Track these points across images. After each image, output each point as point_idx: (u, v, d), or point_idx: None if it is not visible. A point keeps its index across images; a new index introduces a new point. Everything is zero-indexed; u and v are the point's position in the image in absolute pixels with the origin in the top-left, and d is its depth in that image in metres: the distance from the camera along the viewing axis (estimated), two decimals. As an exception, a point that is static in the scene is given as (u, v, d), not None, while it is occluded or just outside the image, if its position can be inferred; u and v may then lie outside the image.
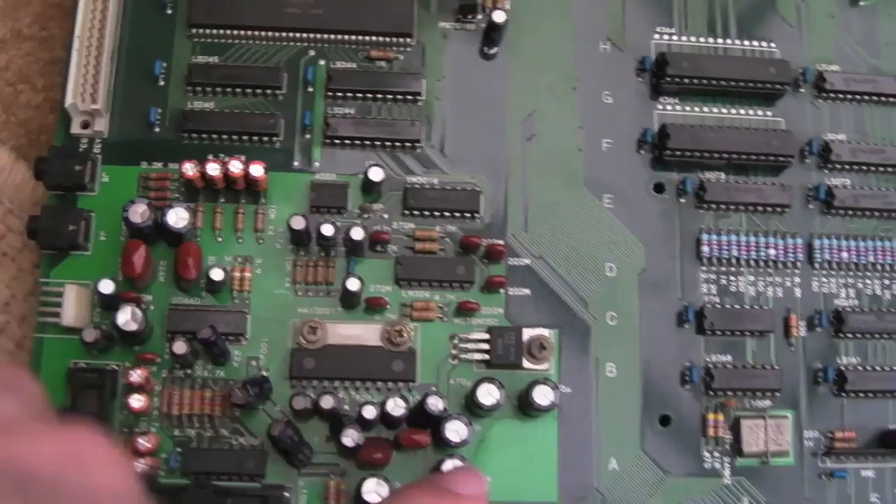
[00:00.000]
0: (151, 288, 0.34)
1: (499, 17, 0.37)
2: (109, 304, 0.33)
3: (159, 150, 0.35)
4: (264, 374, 0.34)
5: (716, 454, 0.35)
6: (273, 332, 0.34)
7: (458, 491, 0.28)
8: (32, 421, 0.23)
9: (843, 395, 0.36)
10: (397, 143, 0.36)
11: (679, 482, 0.35)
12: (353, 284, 0.34)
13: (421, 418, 0.33)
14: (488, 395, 0.33)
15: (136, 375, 0.33)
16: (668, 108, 0.37)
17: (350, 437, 0.33)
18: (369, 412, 0.33)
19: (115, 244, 0.34)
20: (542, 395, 0.33)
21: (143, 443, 0.33)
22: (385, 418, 0.33)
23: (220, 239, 0.35)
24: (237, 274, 0.34)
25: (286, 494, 0.33)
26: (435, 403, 0.33)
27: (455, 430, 0.33)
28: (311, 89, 0.36)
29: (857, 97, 0.38)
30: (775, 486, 0.36)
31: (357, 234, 0.34)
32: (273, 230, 0.35)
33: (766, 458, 0.35)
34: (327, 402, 0.33)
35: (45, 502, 0.21)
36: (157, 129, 0.36)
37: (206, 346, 0.33)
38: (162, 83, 0.36)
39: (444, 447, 0.33)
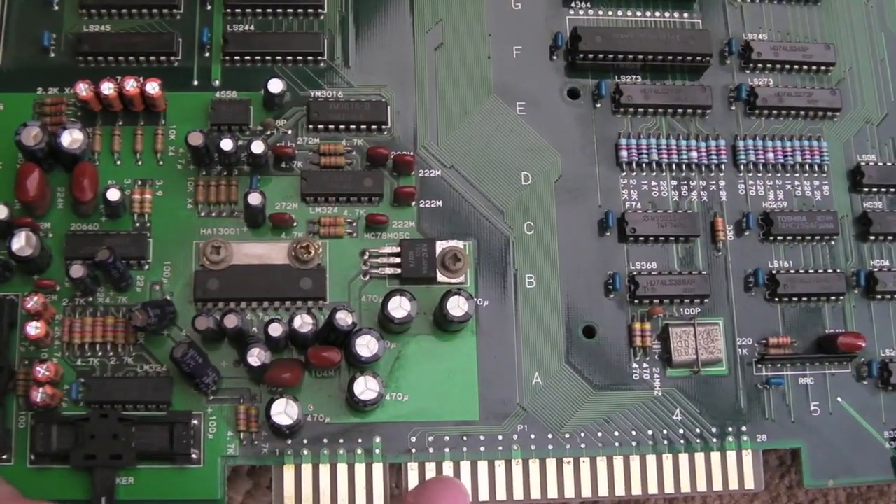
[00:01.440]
0: (49, 215, 0.33)
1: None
2: (4, 231, 0.32)
3: (55, 75, 0.34)
4: (167, 297, 0.33)
5: (644, 365, 0.34)
6: (176, 255, 0.33)
7: None
8: None
9: (776, 300, 0.35)
10: (299, 58, 0.34)
11: (607, 395, 0.34)
12: (254, 199, 0.32)
13: (330, 335, 0.32)
14: (399, 307, 0.32)
15: (34, 302, 0.32)
16: (581, 12, 0.36)
17: (256, 357, 0.31)
18: (275, 330, 0.31)
19: (11, 173, 0.33)
20: (457, 306, 0.32)
21: (43, 371, 0.31)
22: (293, 338, 0.32)
23: (118, 162, 0.34)
24: (137, 196, 0.33)
25: (194, 422, 0.32)
26: (344, 318, 0.31)
27: (365, 345, 0.32)
28: (209, 7, 0.35)
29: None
30: (709, 397, 0.34)
31: (258, 147, 0.33)
32: (174, 151, 0.34)
33: (697, 367, 0.34)
34: (231, 322, 0.31)
35: None
36: (52, 55, 0.34)
37: (106, 270, 0.32)
38: (56, 7, 0.35)
39: (356, 364, 0.32)
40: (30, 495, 0.31)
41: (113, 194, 0.32)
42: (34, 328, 0.32)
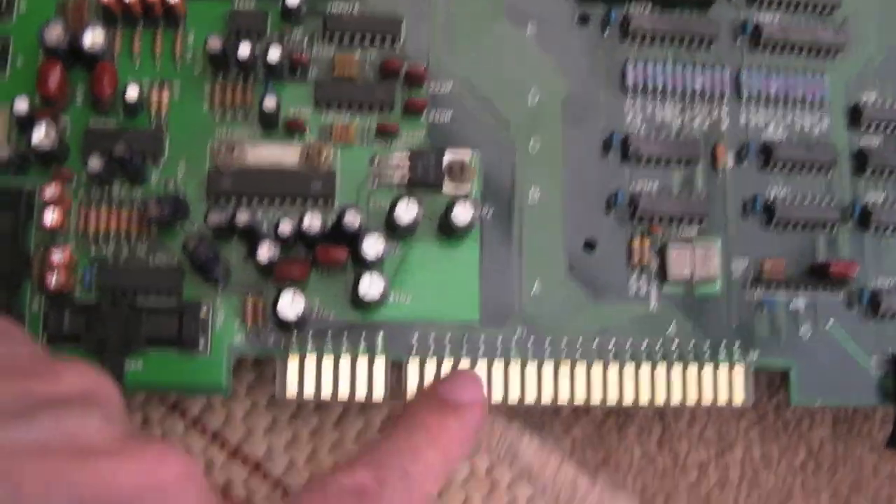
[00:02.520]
0: (69, 111, 0.34)
1: None
2: (24, 124, 0.33)
3: (79, -23, 0.35)
4: (181, 194, 0.34)
5: (641, 280, 0.35)
6: (190, 154, 0.34)
7: (457, 399, 0.30)
8: (112, 439, 0.23)
9: (772, 226, 0.36)
10: (318, -30, 0.36)
11: (603, 308, 0.35)
12: (269, 103, 0.33)
13: (338, 236, 0.33)
14: (406, 211, 0.33)
15: (51, 190, 0.33)
16: (594, -61, 0.37)
17: (265, 252, 0.32)
18: (285, 227, 0.33)
19: (33, 70, 0.34)
20: (462, 213, 0.33)
21: (58, 256, 0.32)
22: (302, 236, 0.33)
23: (137, 64, 0.35)
24: (154, 97, 0.34)
25: (203, 312, 0.33)
26: (352, 219, 0.32)
27: (372, 245, 0.33)
28: (232, -86, 0.36)
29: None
30: (702, 314, 0.35)
31: (274, 54, 0.34)
32: (191, 56, 0.35)
33: (692, 284, 0.35)
34: (242, 217, 0.32)
35: None
36: (77, -43, 0.36)
37: (122, 164, 0.33)
38: (82, -88, 0.36)
39: (362, 264, 0.33)
40: (42, 378, 0.32)
41: (132, 92, 0.33)
42: (51, 217, 0.33)
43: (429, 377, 0.34)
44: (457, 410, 0.29)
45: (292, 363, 0.33)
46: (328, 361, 0.33)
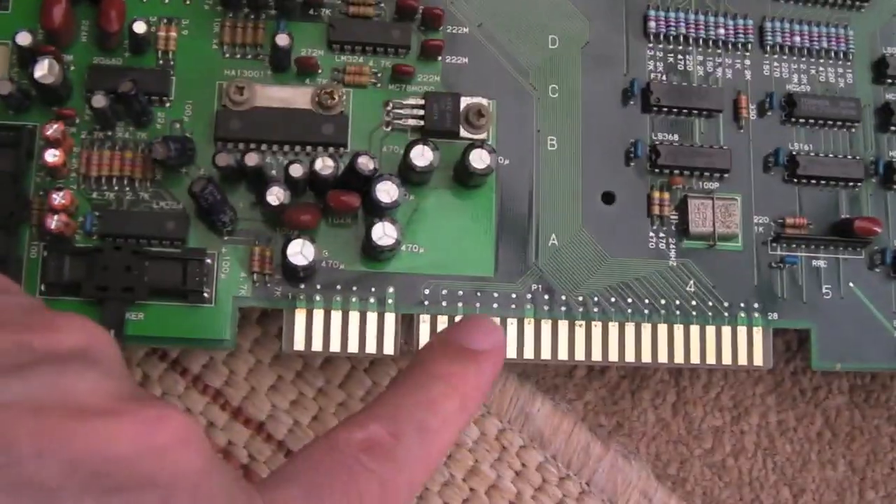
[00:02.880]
0: (73, 48, 0.33)
1: None
2: (27, 58, 0.32)
3: (84, -88, 0.34)
4: (188, 135, 0.33)
5: (661, 234, 0.34)
6: (198, 94, 0.33)
7: (475, 347, 0.28)
8: (110, 398, 0.21)
9: (795, 181, 0.35)
10: None
11: (622, 262, 0.34)
12: (282, 40, 0.32)
13: (351, 180, 0.32)
14: (421, 156, 0.32)
15: (53, 130, 0.31)
16: None
17: (275, 195, 0.31)
18: (296, 171, 0.31)
19: (36, 4, 0.33)
20: (479, 159, 0.32)
21: (59, 198, 0.31)
22: (313, 182, 0.32)
23: (145, 0, 0.33)
24: (162, 34, 0.33)
25: (208, 260, 0.32)
26: (365, 163, 0.31)
27: (385, 191, 0.31)
28: None
29: None
30: (723, 271, 0.34)
31: (287, -12, 0.33)
32: (201, -8, 0.34)
33: (713, 239, 0.34)
34: (252, 159, 0.31)
35: (118, 496, 0.20)
36: None
37: (127, 103, 0.32)
38: None
39: (375, 211, 0.32)
40: (40, 326, 0.31)
41: (139, 27, 0.32)
42: (52, 155, 0.31)
43: (440, 332, 0.33)
44: (476, 358, 0.28)
45: (300, 316, 0.32)
46: (337, 314, 0.32)
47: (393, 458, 0.25)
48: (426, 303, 0.32)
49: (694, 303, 0.34)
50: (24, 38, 0.32)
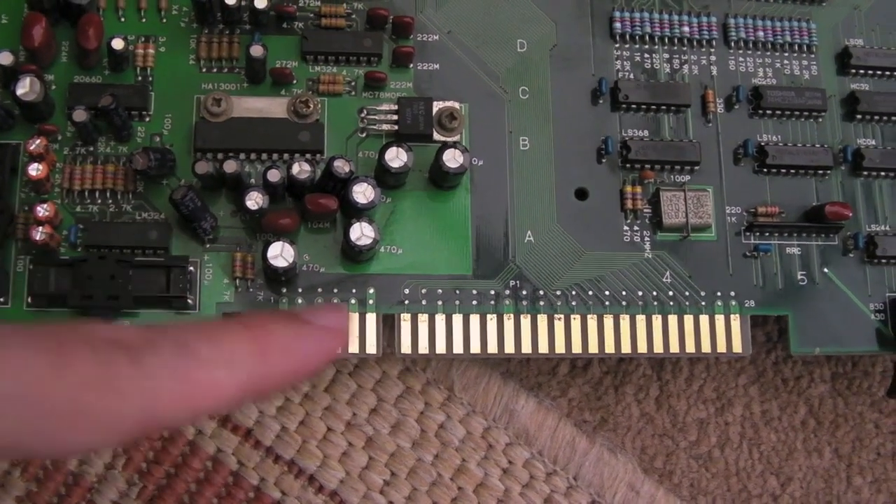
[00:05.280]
0: (53, 67, 0.34)
1: None
2: (8, 77, 0.33)
3: (62, -64, 0.35)
4: (168, 147, 0.33)
5: (635, 228, 0.35)
6: (177, 108, 0.33)
7: (305, 317, 0.25)
8: None
9: (765, 171, 0.36)
10: (303, -76, 0.35)
11: (598, 255, 0.34)
12: (256, 51, 0.33)
13: (328, 184, 0.32)
14: (396, 157, 0.32)
15: (36, 144, 0.32)
16: None
17: (254, 200, 0.32)
18: (274, 175, 0.32)
19: (18, 23, 0.34)
20: (452, 158, 0.33)
21: (43, 210, 0.32)
22: (291, 186, 0.33)
23: (123, 19, 0.34)
24: (140, 51, 0.34)
25: (191, 268, 0.32)
26: (341, 166, 0.32)
27: (362, 192, 0.32)
28: None
29: None
30: (698, 261, 0.35)
31: (260, 2, 0.33)
32: (177, 9, 0.34)
33: (686, 230, 0.35)
34: (230, 167, 0.32)
35: None
36: (59, -83, 0.35)
37: (108, 117, 0.32)
38: None
39: (353, 212, 0.32)
40: (26, 337, 0.32)
41: (117, 43, 0.33)
42: (35, 169, 0.32)
43: (422, 333, 0.33)
44: (296, 320, 0.24)
45: (283, 317, 0.33)
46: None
47: (133, 360, 0.21)
48: (406, 302, 0.33)
49: (671, 293, 0.34)
50: (6, 58, 0.33)
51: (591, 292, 0.34)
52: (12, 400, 0.20)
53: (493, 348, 0.33)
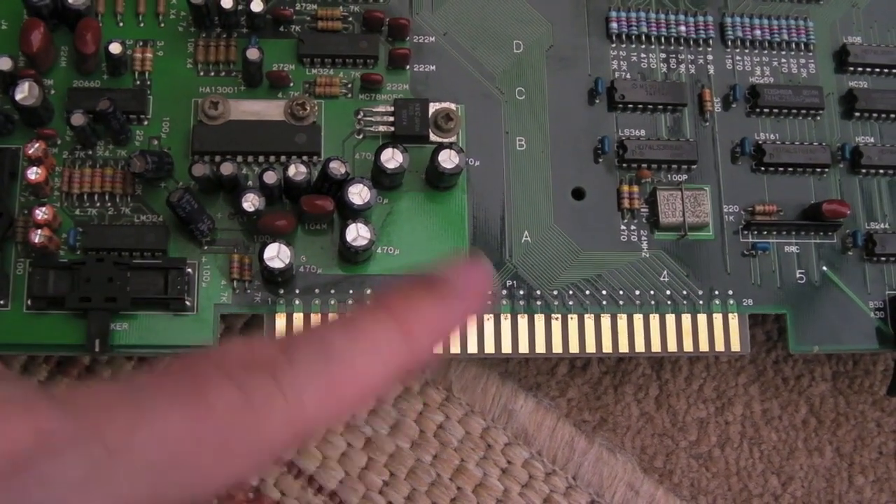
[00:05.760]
0: (52, 72, 0.34)
1: None
2: (8, 83, 0.33)
3: (61, -58, 0.35)
4: (166, 150, 0.34)
5: (632, 227, 0.35)
6: (174, 112, 0.34)
7: (458, 287, 0.23)
8: None
9: (762, 169, 0.36)
10: (299, -73, 0.36)
11: (595, 255, 0.34)
12: (252, 54, 0.33)
13: (324, 186, 0.33)
14: (391, 158, 0.33)
15: (35, 148, 0.32)
16: None
17: (250, 202, 0.32)
18: (270, 177, 0.32)
19: (16, 29, 0.34)
20: (448, 159, 0.33)
21: (41, 213, 0.32)
22: (288, 188, 0.33)
23: (121, 24, 0.34)
24: (138, 55, 0.34)
25: (188, 270, 0.33)
26: (337, 168, 0.32)
27: (358, 193, 0.32)
28: None
29: None
30: (696, 260, 0.35)
31: (256, 5, 0.34)
32: (174, 14, 0.35)
33: (684, 230, 0.35)
34: (227, 169, 0.32)
35: None
36: (58, -77, 0.36)
37: (106, 120, 0.33)
38: None
39: (349, 213, 0.33)
40: (27, 339, 0.32)
41: (115, 48, 0.33)
42: (34, 173, 0.32)
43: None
44: (439, 288, 0.23)
45: (280, 320, 0.33)
46: (317, 318, 0.33)
47: (274, 376, 0.20)
48: (404, 303, 0.33)
49: (668, 292, 0.34)
50: (5, 63, 0.33)
51: (588, 292, 0.34)
52: (163, 467, 0.19)
53: (490, 348, 0.33)
